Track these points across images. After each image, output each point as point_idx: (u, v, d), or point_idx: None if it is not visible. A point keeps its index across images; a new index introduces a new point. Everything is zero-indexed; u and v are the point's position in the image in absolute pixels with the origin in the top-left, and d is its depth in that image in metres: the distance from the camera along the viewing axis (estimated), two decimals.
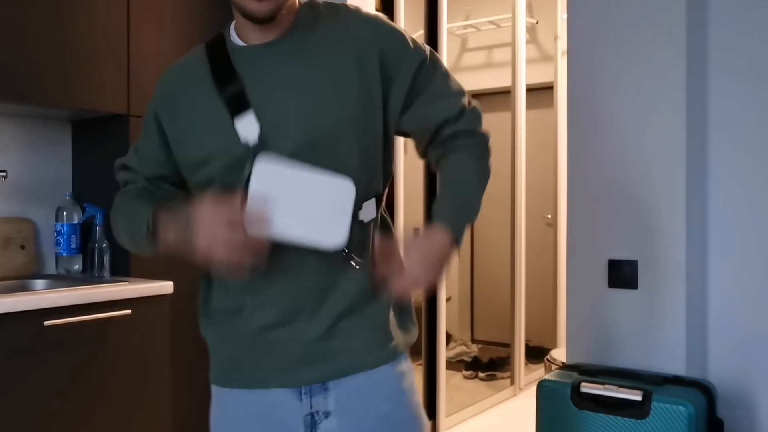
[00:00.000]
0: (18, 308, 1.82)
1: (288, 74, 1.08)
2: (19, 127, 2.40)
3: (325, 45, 1.10)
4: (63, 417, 1.93)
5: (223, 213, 0.98)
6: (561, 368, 1.92)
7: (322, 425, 1.11)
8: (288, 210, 1.01)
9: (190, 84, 1.15)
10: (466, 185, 1.12)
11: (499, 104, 4.13)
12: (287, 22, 1.11)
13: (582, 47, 1.99)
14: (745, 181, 1.88)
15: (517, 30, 3.89)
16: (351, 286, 1.10)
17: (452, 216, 1.09)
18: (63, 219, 2.41)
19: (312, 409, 1.11)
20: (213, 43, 1.16)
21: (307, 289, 1.09)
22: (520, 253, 3.93)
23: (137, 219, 1.13)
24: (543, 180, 4.43)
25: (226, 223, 0.98)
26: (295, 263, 1.08)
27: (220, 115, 1.08)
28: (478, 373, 4.14)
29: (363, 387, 1.12)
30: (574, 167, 2.01)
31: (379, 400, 1.12)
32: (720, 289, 1.91)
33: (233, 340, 1.15)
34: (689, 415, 1.62)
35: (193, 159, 1.12)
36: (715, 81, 1.91)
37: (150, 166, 1.20)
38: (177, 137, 1.14)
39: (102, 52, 2.28)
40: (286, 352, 1.10)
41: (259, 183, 1.00)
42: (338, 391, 1.11)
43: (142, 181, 1.21)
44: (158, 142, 1.17)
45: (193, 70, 1.16)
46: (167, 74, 1.21)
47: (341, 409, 1.11)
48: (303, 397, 1.11)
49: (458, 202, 1.11)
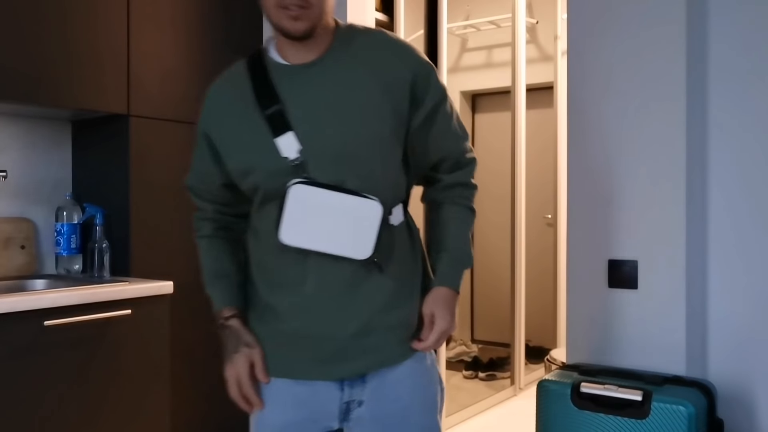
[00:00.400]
0: (18, 308, 1.82)
1: (326, 95, 1.19)
2: (20, 127, 2.40)
3: (361, 68, 1.20)
4: (63, 417, 1.93)
5: (238, 375, 1.23)
6: (561, 368, 1.92)
7: (355, 412, 1.24)
8: (321, 226, 1.16)
9: (232, 99, 1.24)
10: (465, 242, 1.31)
11: (499, 104, 4.14)
12: (325, 41, 1.21)
13: (582, 47, 1.99)
14: (745, 181, 1.88)
15: (517, 30, 3.89)
16: (381, 288, 1.21)
17: (456, 278, 1.30)
18: (63, 219, 2.41)
19: (350, 398, 1.24)
20: (253, 60, 1.25)
21: (341, 292, 1.20)
22: (520, 253, 3.93)
23: (212, 291, 1.32)
24: (543, 180, 4.44)
25: (236, 380, 1.24)
26: (330, 269, 1.19)
27: (262, 130, 1.18)
28: (478, 373, 4.14)
29: (394, 379, 1.25)
30: (573, 167, 2.01)
31: (405, 392, 1.26)
32: (720, 289, 1.91)
33: (275, 336, 1.25)
34: (689, 415, 1.62)
35: (238, 169, 1.23)
36: (715, 81, 1.91)
37: (208, 181, 1.31)
38: (224, 150, 1.25)
39: (102, 53, 2.28)
40: (325, 349, 1.22)
41: (294, 204, 1.15)
42: (373, 382, 1.24)
43: (210, 212, 1.34)
44: (210, 156, 1.28)
45: (235, 85, 1.25)
46: (211, 91, 1.29)
47: (372, 398, 1.24)
48: (345, 387, 1.24)
49: (460, 263, 1.30)
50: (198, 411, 2.58)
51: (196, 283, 1.28)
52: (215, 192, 1.32)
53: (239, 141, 1.22)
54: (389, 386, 1.24)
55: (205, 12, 2.61)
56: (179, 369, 2.48)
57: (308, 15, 1.14)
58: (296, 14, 1.14)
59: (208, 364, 2.61)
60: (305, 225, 1.16)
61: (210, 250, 1.34)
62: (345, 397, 1.24)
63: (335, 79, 1.19)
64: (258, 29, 2.82)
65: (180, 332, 2.47)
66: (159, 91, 2.45)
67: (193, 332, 2.54)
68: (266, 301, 1.25)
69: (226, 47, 2.70)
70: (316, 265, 1.19)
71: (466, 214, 1.33)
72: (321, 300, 1.20)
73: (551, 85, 4.37)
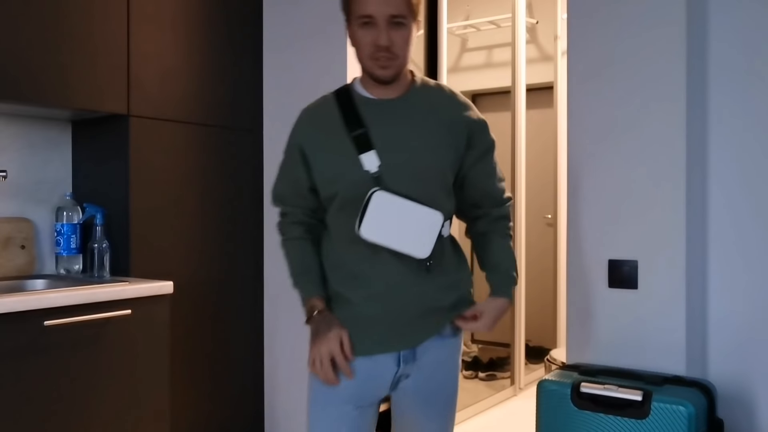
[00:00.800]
0: (18, 308, 1.82)
1: (402, 125, 1.51)
2: (19, 127, 2.40)
3: (431, 110, 1.54)
4: (63, 417, 1.93)
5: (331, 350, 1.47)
6: (561, 368, 1.93)
7: (401, 383, 1.56)
8: (394, 227, 1.43)
9: (323, 123, 1.54)
10: (514, 266, 1.65)
11: (499, 104, 4.13)
12: (403, 85, 1.55)
13: (582, 47, 1.99)
14: (745, 181, 1.88)
15: (517, 30, 3.89)
16: (434, 280, 1.53)
17: (510, 292, 1.62)
18: (63, 219, 2.41)
19: (402, 372, 1.54)
20: (340, 93, 1.57)
21: (404, 283, 1.50)
22: (520, 253, 3.93)
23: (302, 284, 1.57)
24: (543, 180, 4.43)
25: (328, 355, 1.47)
26: (393, 269, 1.49)
27: (348, 148, 1.48)
28: (478, 373, 4.14)
29: (436, 361, 1.57)
30: (573, 167, 2.01)
31: (443, 370, 1.59)
32: (720, 289, 1.91)
33: (345, 320, 1.52)
34: (689, 415, 1.62)
35: (326, 178, 1.52)
36: (715, 80, 1.91)
37: (298, 186, 1.58)
38: (314, 162, 1.54)
39: (102, 53, 2.28)
40: (387, 329, 1.51)
41: (375, 207, 1.42)
42: (421, 359, 1.55)
43: (299, 215, 1.60)
44: (302, 164, 1.56)
45: (325, 111, 1.56)
46: (305, 115, 1.60)
47: (418, 373, 1.55)
48: (401, 362, 1.53)
49: (512, 280, 1.63)
50: (198, 411, 2.58)
51: (196, 283, 1.28)
52: (305, 195, 1.58)
53: (328, 155, 1.51)
54: (431, 366, 1.56)
55: (205, 12, 2.62)
56: (179, 369, 2.48)
57: (394, 65, 1.47)
58: (385, 65, 1.46)
59: (208, 364, 2.61)
60: (381, 225, 1.43)
61: (299, 249, 1.60)
62: (399, 371, 1.54)
63: (410, 114, 1.52)
64: (258, 29, 2.83)
65: (180, 332, 2.47)
66: (159, 91, 2.45)
67: (192, 332, 2.54)
68: (337, 291, 1.54)
69: (227, 47, 2.70)
70: (384, 262, 1.48)
71: (509, 242, 1.66)
72: (388, 290, 1.50)
73: (551, 85, 4.37)
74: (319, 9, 2.67)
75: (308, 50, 2.70)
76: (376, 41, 1.45)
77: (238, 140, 2.75)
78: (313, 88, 2.63)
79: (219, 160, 2.67)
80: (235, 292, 2.73)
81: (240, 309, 2.76)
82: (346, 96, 1.55)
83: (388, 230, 1.44)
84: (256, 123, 2.83)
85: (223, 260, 2.68)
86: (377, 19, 1.44)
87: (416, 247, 1.46)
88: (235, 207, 2.74)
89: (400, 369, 1.54)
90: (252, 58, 2.81)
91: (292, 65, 2.76)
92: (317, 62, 2.68)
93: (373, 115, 1.51)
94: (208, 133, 2.63)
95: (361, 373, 1.52)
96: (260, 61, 2.84)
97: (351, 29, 1.49)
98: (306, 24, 2.71)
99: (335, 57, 2.62)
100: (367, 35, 1.46)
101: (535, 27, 4.57)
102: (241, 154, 2.76)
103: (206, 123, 2.62)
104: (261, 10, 2.84)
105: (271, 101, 2.83)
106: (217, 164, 2.66)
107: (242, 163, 2.77)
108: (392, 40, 1.45)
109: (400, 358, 1.53)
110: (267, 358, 2.85)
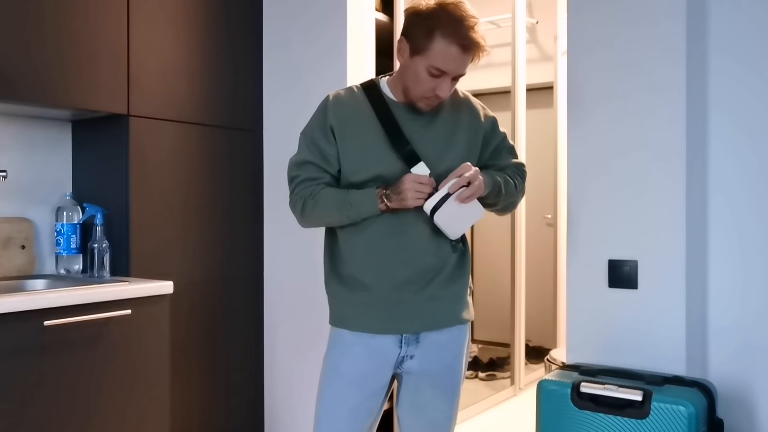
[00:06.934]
0: (18, 308, 1.82)
1: (438, 132, 1.69)
2: (19, 127, 2.40)
3: (458, 115, 1.73)
4: (63, 417, 1.93)
5: (411, 177, 1.59)
6: (561, 368, 1.93)
7: (405, 363, 1.69)
8: (454, 214, 1.60)
9: (357, 117, 1.67)
10: (505, 183, 1.73)
11: (499, 104, 4.13)
12: None
13: (582, 47, 1.99)
14: (745, 181, 1.88)
15: (517, 30, 3.88)
16: (443, 273, 1.68)
17: (490, 181, 1.68)
18: (63, 219, 2.41)
19: (405, 353, 1.68)
20: (368, 89, 1.71)
21: (420, 274, 1.65)
22: (520, 253, 3.93)
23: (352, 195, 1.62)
24: (543, 180, 4.43)
25: (418, 182, 1.59)
26: (412, 254, 1.64)
27: (385, 149, 1.64)
28: (478, 373, 4.14)
29: (441, 340, 1.70)
30: (573, 167, 2.01)
31: (448, 354, 1.71)
32: (720, 289, 1.91)
33: (354, 300, 1.67)
34: (689, 415, 1.62)
35: (356, 168, 1.65)
36: (715, 80, 1.91)
37: (330, 160, 1.66)
38: (343, 149, 1.65)
39: (102, 52, 2.28)
40: (394, 310, 1.65)
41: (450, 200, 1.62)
42: (425, 341, 1.68)
43: (328, 179, 1.68)
44: (333, 141, 1.66)
45: (356, 105, 1.68)
46: (334, 100, 1.69)
47: (422, 354, 1.68)
48: (402, 344, 1.67)
49: (495, 183, 1.70)
50: (198, 411, 2.58)
51: (196, 283, 1.29)
52: (329, 169, 1.66)
53: (362, 152, 1.64)
54: (437, 348, 1.69)
55: (205, 12, 2.61)
56: (179, 369, 2.48)
57: (437, 103, 1.65)
58: (432, 105, 1.65)
59: (207, 364, 2.61)
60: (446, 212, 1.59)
61: (327, 190, 1.65)
62: (403, 351, 1.67)
63: (440, 119, 1.70)
64: (258, 29, 2.83)
65: (180, 332, 2.47)
66: (159, 90, 2.45)
67: (192, 332, 2.54)
68: (355, 275, 1.66)
69: (227, 47, 2.70)
70: (407, 254, 1.64)
71: (517, 182, 1.77)
72: (405, 278, 1.64)
73: (551, 85, 4.37)
74: (320, 9, 2.67)
75: (308, 50, 2.70)
76: (436, 90, 1.59)
77: (238, 140, 2.75)
78: (313, 88, 2.63)
79: (219, 160, 2.67)
80: (235, 292, 2.73)
81: (240, 309, 2.76)
82: (376, 96, 1.68)
83: (449, 216, 1.60)
84: (256, 123, 2.83)
85: (223, 260, 2.68)
86: (448, 75, 1.58)
87: (456, 231, 1.65)
88: (235, 207, 2.74)
89: (402, 350, 1.67)
90: (252, 58, 2.81)
91: (292, 65, 2.75)
92: (317, 62, 2.68)
93: (411, 123, 1.66)
94: (208, 133, 2.63)
95: (368, 354, 1.66)
96: (260, 61, 2.84)
97: (415, 64, 1.58)
98: (306, 24, 2.71)
99: (335, 57, 2.61)
100: (431, 82, 1.58)
101: (535, 27, 4.57)
102: (241, 154, 2.76)
103: (206, 123, 2.62)
104: (261, 10, 2.84)
105: (271, 101, 2.83)
106: (217, 164, 2.66)
107: (242, 163, 2.77)
108: (448, 91, 1.62)
109: (402, 340, 1.67)
110: (267, 358, 2.85)
